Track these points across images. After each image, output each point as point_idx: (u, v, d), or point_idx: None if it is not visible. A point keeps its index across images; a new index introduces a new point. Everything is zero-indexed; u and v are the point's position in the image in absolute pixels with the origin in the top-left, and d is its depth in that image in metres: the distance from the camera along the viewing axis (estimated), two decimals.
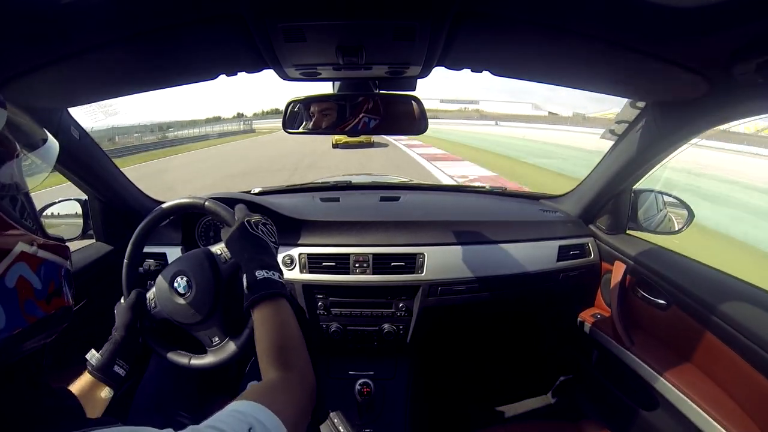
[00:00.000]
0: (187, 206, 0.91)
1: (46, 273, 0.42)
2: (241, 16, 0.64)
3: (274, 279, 0.69)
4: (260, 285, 0.68)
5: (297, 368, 0.58)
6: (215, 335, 0.87)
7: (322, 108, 1.03)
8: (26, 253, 0.40)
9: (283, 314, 0.66)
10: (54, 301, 0.43)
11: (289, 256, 1.28)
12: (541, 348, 1.69)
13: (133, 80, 0.92)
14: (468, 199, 1.68)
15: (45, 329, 0.42)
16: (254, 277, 0.69)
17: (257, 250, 0.74)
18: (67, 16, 0.58)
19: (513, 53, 0.83)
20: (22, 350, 0.40)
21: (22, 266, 0.39)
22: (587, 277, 1.37)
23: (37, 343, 0.42)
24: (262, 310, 0.66)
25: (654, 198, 1.31)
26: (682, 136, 0.98)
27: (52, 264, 0.44)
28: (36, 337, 0.41)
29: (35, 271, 0.41)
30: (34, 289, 0.40)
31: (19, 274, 0.39)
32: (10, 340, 0.37)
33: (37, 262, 0.41)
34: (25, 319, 0.39)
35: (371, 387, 1.17)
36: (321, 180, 2.01)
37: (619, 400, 1.19)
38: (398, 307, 1.30)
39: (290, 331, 0.64)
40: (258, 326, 0.65)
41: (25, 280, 0.39)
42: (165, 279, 0.87)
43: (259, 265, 0.70)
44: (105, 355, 0.80)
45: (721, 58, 0.64)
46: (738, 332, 0.85)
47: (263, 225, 0.80)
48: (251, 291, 0.68)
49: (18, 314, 0.38)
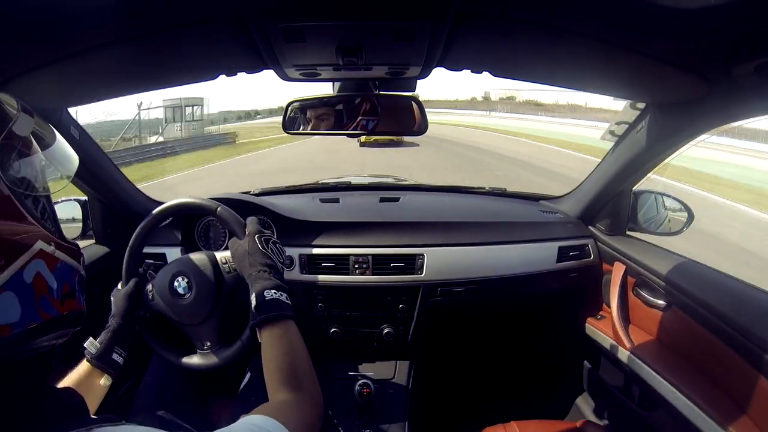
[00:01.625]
0: (199, 207, 0.91)
1: (61, 274, 0.43)
2: (242, 16, 0.64)
3: (282, 300, 0.70)
4: (269, 305, 0.68)
5: (307, 391, 0.60)
6: (207, 340, 0.87)
7: (321, 109, 1.03)
8: (44, 251, 0.41)
9: (291, 336, 0.67)
10: (67, 303, 0.44)
11: (288, 256, 1.28)
12: (541, 349, 1.69)
13: (133, 80, 0.92)
14: (468, 199, 1.68)
15: (57, 329, 0.43)
16: (263, 297, 0.69)
17: (265, 269, 0.74)
18: (67, 17, 0.59)
19: (513, 54, 0.83)
20: (33, 348, 0.41)
21: (39, 264, 0.40)
22: (587, 278, 1.37)
23: (48, 342, 0.43)
24: (271, 330, 0.67)
25: (654, 199, 1.31)
26: (682, 137, 0.98)
27: (68, 266, 0.45)
28: (48, 335, 0.42)
29: (52, 270, 0.42)
30: (50, 288, 0.41)
31: (36, 271, 0.40)
32: (23, 335, 0.38)
33: (53, 262, 0.43)
34: (39, 315, 0.40)
35: (371, 388, 1.17)
36: (321, 180, 2.01)
37: (619, 401, 1.19)
38: (398, 308, 1.30)
39: (300, 353, 0.65)
40: (267, 347, 0.65)
41: (42, 278, 0.40)
42: (166, 276, 0.87)
43: (267, 284, 0.71)
44: (103, 343, 0.80)
45: (720, 59, 0.65)
46: (738, 333, 0.85)
47: (273, 244, 0.79)
48: (260, 311, 0.68)
49: (33, 310, 0.39)
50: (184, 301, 0.85)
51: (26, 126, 0.45)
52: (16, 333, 0.37)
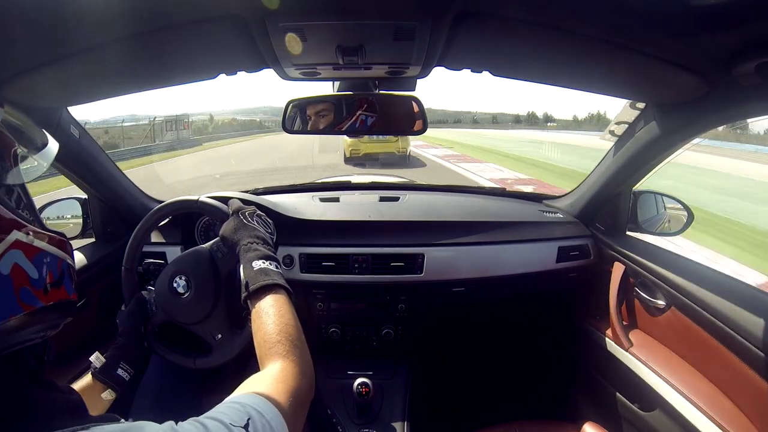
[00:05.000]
0: (180, 205, 0.91)
1: (42, 263, 0.42)
2: (242, 16, 0.64)
3: (270, 269, 0.69)
4: (257, 275, 0.68)
5: (294, 357, 0.58)
6: (218, 331, 0.87)
7: (321, 108, 1.03)
8: (21, 241, 0.40)
9: (279, 304, 0.65)
10: (53, 293, 0.43)
11: (288, 255, 1.28)
12: (541, 348, 1.69)
13: (133, 79, 0.92)
14: (467, 199, 1.68)
15: (43, 320, 0.42)
16: (251, 268, 0.69)
17: (253, 241, 0.74)
18: (67, 16, 0.59)
19: (513, 54, 0.83)
20: (19, 341, 0.40)
21: (16, 254, 0.39)
22: (587, 278, 1.37)
23: (36, 334, 0.42)
24: (259, 300, 0.66)
25: (654, 199, 1.31)
26: (682, 137, 0.98)
27: (50, 255, 0.44)
28: (34, 326, 0.41)
29: (31, 259, 0.41)
30: (30, 278, 0.40)
31: (14, 261, 0.39)
32: (5, 328, 0.37)
33: (33, 251, 0.41)
34: (20, 307, 0.39)
35: (370, 387, 1.17)
36: (320, 179, 2.01)
37: (618, 401, 1.19)
38: (397, 308, 1.30)
39: (287, 320, 0.63)
40: (255, 317, 0.64)
41: (20, 268, 0.39)
42: (164, 281, 0.87)
43: (255, 255, 0.70)
44: (109, 359, 0.80)
45: (720, 59, 0.64)
46: (736, 333, 0.85)
47: (257, 216, 0.80)
48: (248, 282, 0.67)
49: (13, 301, 0.38)
50: (186, 299, 0.85)
51: None
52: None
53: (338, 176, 2.12)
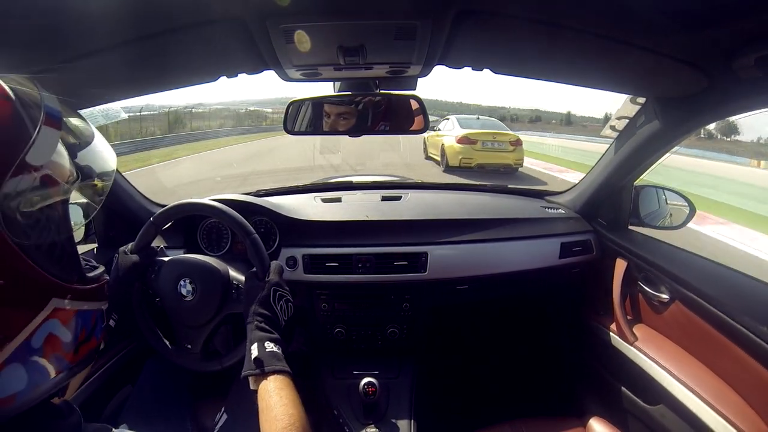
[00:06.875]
0: (235, 223, 0.88)
1: (78, 323, 0.39)
2: (243, 18, 0.65)
3: (280, 354, 0.71)
4: (270, 358, 0.69)
5: None
6: (188, 343, 0.89)
7: (321, 109, 1.03)
8: (59, 309, 0.36)
9: (289, 389, 0.67)
10: (82, 349, 0.40)
11: (292, 257, 1.28)
12: (545, 344, 1.69)
13: (135, 83, 0.92)
14: (469, 196, 1.68)
15: (67, 377, 0.39)
16: (263, 348, 0.70)
17: (271, 321, 0.75)
18: (69, 21, 0.59)
19: (514, 51, 0.83)
20: (39, 399, 0.37)
21: (53, 323, 0.36)
22: (590, 274, 1.37)
23: (55, 389, 0.39)
24: (274, 381, 0.67)
25: (655, 193, 1.31)
26: (682, 131, 0.99)
27: (87, 312, 0.41)
28: (57, 382, 0.38)
29: (66, 324, 0.38)
30: (63, 343, 0.37)
31: (48, 332, 0.35)
32: (27, 399, 0.34)
33: (70, 315, 0.38)
34: (48, 375, 0.36)
35: (376, 386, 1.17)
36: (322, 180, 2.01)
37: (624, 396, 1.19)
38: (402, 307, 1.30)
39: (299, 410, 0.65)
40: (264, 396, 0.65)
41: (55, 337, 0.36)
42: (172, 272, 0.88)
43: (267, 337, 0.72)
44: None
45: (720, 53, 0.65)
46: (741, 326, 0.85)
47: (286, 302, 0.80)
48: (263, 361, 0.69)
49: (42, 372, 0.35)
50: (187, 304, 0.86)
51: (48, 146, 0.35)
52: (20, 400, 0.33)
53: (339, 176, 2.12)
